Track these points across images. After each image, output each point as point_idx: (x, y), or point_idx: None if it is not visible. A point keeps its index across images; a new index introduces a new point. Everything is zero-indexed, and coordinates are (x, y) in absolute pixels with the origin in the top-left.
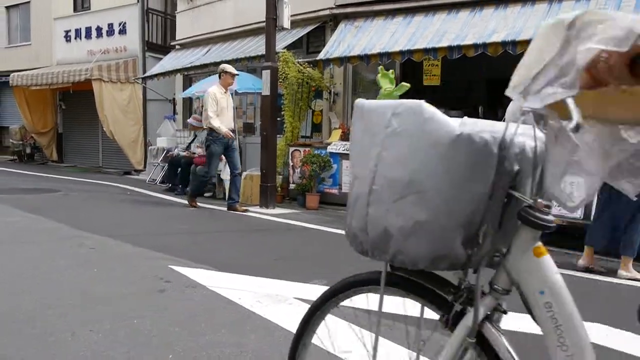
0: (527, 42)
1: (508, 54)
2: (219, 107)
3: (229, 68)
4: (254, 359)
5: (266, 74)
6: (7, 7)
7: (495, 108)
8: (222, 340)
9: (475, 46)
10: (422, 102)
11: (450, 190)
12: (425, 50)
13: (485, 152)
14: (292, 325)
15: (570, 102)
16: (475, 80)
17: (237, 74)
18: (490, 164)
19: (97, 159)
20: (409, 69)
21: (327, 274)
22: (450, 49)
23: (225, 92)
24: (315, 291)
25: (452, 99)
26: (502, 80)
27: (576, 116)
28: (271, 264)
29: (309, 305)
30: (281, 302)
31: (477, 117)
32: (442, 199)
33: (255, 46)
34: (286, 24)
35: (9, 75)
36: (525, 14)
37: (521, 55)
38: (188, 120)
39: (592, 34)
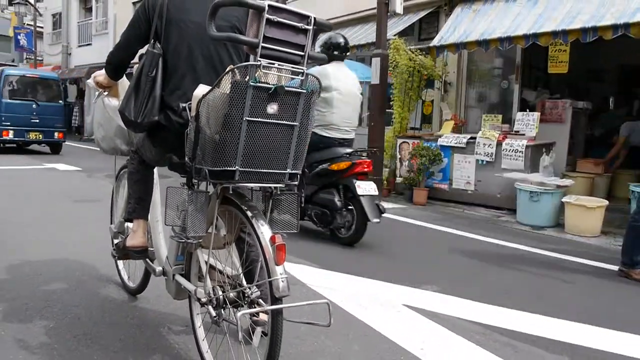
0: None
1: None
2: None
3: None
4: None
5: (376, 61)
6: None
7: (631, 99)
8: (322, 349)
9: (614, 27)
10: None
11: None
12: (554, 34)
13: None
14: (400, 337)
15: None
16: (606, 68)
17: None
18: None
19: None
20: (532, 55)
21: (441, 278)
22: (584, 30)
23: None
24: (428, 299)
25: (579, 88)
26: (638, 67)
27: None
28: (377, 264)
29: (419, 315)
30: (388, 308)
31: (607, 108)
32: None
33: (365, 34)
34: (399, 8)
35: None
36: None
37: None
38: None
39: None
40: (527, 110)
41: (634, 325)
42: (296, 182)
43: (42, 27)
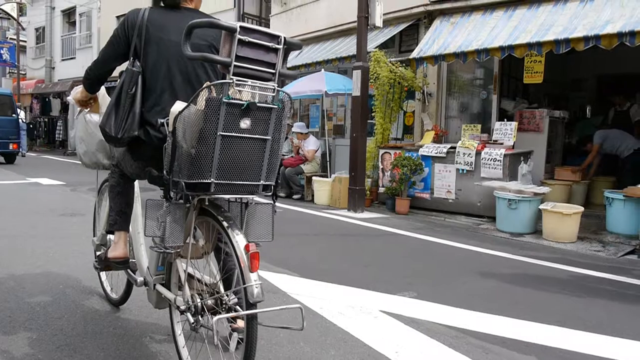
0: None
1: (624, 49)
2: None
3: None
4: None
5: (357, 74)
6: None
7: (608, 108)
8: (299, 354)
9: (585, 39)
10: None
11: None
12: (529, 45)
13: None
14: (376, 342)
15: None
16: (584, 78)
17: None
18: None
19: None
20: (509, 66)
21: (418, 285)
22: (557, 42)
23: None
24: (405, 305)
25: (557, 97)
26: (616, 76)
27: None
28: (357, 272)
29: (395, 320)
30: (366, 314)
31: (584, 117)
32: None
33: (347, 46)
34: (378, 22)
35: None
36: None
37: (626, 50)
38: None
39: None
40: (505, 119)
41: (604, 327)
42: (270, 193)
43: (25, 41)
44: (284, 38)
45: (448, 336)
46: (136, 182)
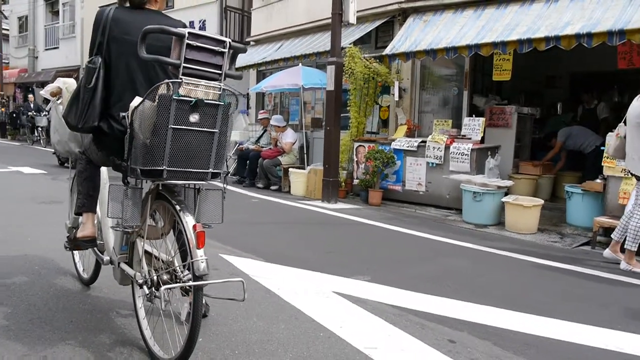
0: (604, 34)
1: (602, 47)
2: None
3: None
4: (279, 346)
5: (331, 69)
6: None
7: (577, 105)
8: (252, 327)
9: (547, 39)
10: None
11: None
12: (494, 44)
13: None
14: (324, 318)
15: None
16: (558, 75)
17: None
18: None
19: None
20: (483, 63)
21: (374, 270)
22: (520, 42)
23: None
24: (357, 287)
25: (527, 94)
26: (587, 74)
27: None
28: (319, 258)
29: (345, 300)
30: (319, 295)
31: (555, 114)
32: None
33: (324, 42)
34: (352, 19)
35: None
36: (604, 3)
37: (598, 48)
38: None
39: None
40: (474, 115)
41: (538, 308)
42: (219, 180)
43: (7, 30)
44: (229, 42)
45: (390, 314)
46: (105, 169)
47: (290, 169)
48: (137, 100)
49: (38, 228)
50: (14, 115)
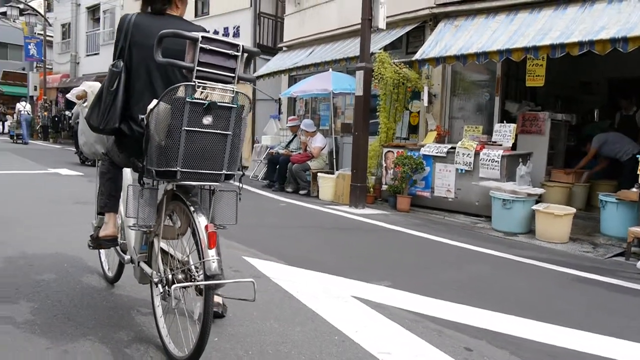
0: None
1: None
2: None
3: None
4: (292, 348)
5: (360, 74)
6: None
7: (615, 111)
8: (268, 329)
9: (580, 44)
10: None
11: None
12: (526, 49)
13: None
14: (340, 322)
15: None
16: (595, 81)
17: None
18: None
19: None
20: (516, 68)
21: (395, 276)
22: (552, 47)
23: None
24: (377, 292)
25: (564, 100)
26: (626, 80)
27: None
28: (341, 262)
29: (364, 304)
30: (338, 299)
31: (592, 120)
32: None
33: (355, 47)
34: (381, 24)
35: None
36: None
37: (637, 53)
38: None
39: None
40: (505, 121)
41: (559, 318)
42: (232, 182)
43: (51, 37)
44: (242, 46)
45: (408, 320)
46: (128, 170)
47: (319, 174)
48: (153, 102)
49: (71, 227)
50: (56, 119)
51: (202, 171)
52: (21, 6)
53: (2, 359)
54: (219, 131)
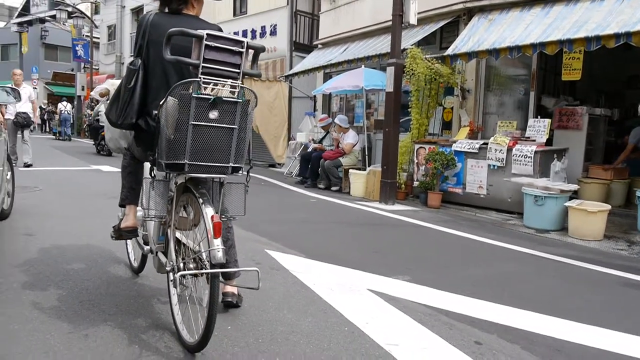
0: None
1: None
2: None
3: None
4: (301, 338)
5: (390, 70)
6: None
7: None
8: (280, 319)
9: (616, 36)
10: None
11: None
12: (560, 42)
13: None
14: (352, 314)
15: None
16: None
17: None
18: None
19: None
20: (555, 62)
21: (415, 270)
22: (587, 39)
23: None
24: (393, 285)
25: (607, 95)
26: None
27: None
28: (363, 257)
29: (378, 297)
30: (353, 291)
31: (635, 115)
32: None
33: (388, 44)
34: (412, 20)
35: None
36: None
37: None
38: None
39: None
40: (539, 116)
41: (578, 314)
42: (239, 174)
43: (98, 38)
44: (247, 43)
45: (421, 313)
46: (148, 165)
47: (350, 170)
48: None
49: (104, 220)
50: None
51: (210, 164)
52: (69, 9)
53: (27, 342)
54: (225, 125)
